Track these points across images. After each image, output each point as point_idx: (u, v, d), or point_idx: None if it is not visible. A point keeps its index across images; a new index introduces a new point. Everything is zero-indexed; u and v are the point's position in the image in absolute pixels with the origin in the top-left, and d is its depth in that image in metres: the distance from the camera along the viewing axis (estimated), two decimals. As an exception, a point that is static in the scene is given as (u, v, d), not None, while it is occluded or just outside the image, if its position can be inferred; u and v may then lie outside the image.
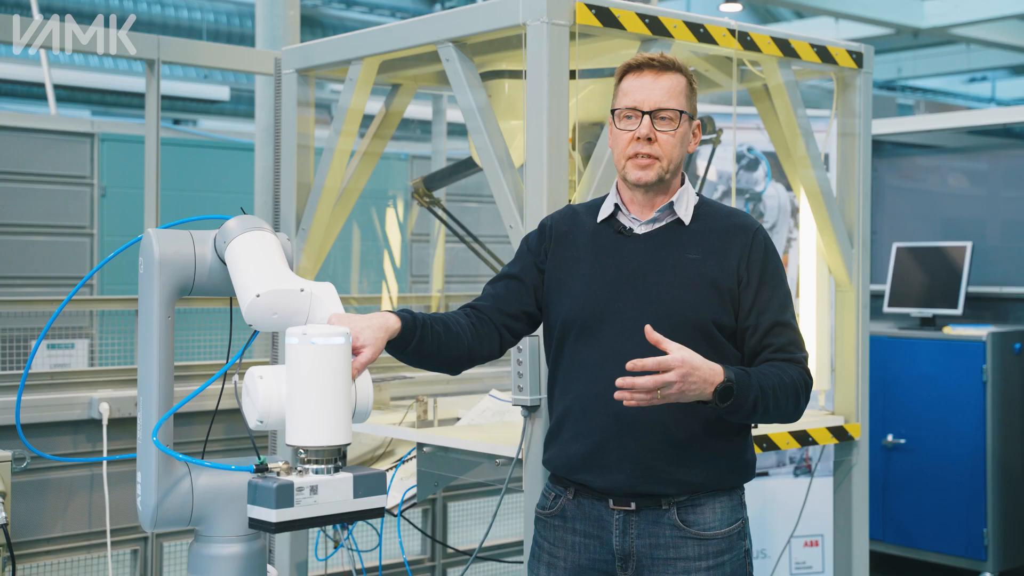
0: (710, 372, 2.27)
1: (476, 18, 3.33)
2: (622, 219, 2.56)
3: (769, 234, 2.60)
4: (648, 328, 2.26)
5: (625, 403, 2.26)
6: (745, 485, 2.58)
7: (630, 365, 2.22)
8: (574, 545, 2.53)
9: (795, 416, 2.49)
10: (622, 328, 2.46)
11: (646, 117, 2.46)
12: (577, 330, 2.51)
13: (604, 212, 2.58)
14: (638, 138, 2.47)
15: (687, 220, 2.53)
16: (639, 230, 2.54)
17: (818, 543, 4.86)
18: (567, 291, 2.54)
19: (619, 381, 2.23)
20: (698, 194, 2.62)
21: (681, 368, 2.22)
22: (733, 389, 2.28)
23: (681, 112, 2.48)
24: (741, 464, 2.54)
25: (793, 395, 2.43)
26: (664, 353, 2.25)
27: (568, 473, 2.54)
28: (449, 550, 5.06)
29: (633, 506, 2.46)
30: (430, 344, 2.43)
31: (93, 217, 7.69)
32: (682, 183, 2.58)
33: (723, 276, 2.48)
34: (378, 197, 6.44)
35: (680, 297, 2.45)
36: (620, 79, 2.54)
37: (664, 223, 2.54)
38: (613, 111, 2.53)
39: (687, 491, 2.46)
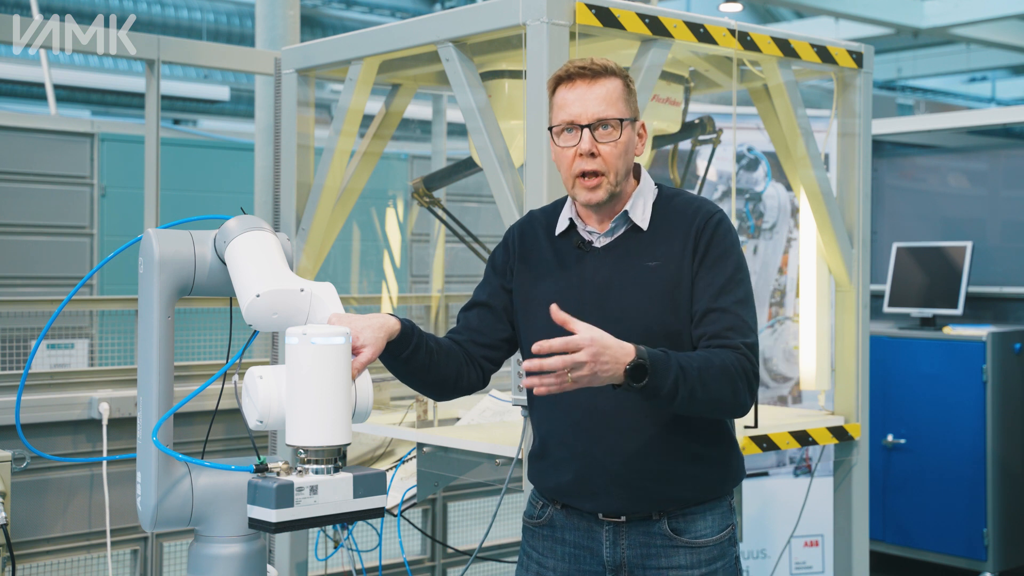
0: (621, 351, 2.11)
1: (476, 18, 3.33)
2: (581, 232, 2.47)
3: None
4: (553, 307, 2.14)
5: (536, 391, 2.11)
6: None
7: (535, 347, 2.09)
8: (563, 555, 2.49)
9: (735, 404, 2.29)
10: None
11: (586, 131, 2.34)
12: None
13: (561, 227, 2.50)
14: (580, 154, 2.35)
15: (644, 225, 2.44)
16: (598, 243, 2.45)
17: (818, 543, 4.86)
18: (534, 312, 2.47)
19: (525, 364, 2.10)
20: (659, 185, 2.52)
21: (591, 347, 2.07)
22: (646, 367, 2.13)
23: (622, 120, 2.36)
24: (729, 472, 2.49)
25: (727, 380, 2.24)
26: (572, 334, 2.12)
27: (556, 496, 2.50)
28: (449, 550, 5.06)
29: (623, 519, 2.42)
30: (423, 356, 2.40)
31: (93, 217, 7.70)
32: (638, 181, 2.47)
33: (682, 277, 2.38)
34: (378, 197, 6.44)
35: (645, 310, 2.36)
36: (552, 92, 2.40)
37: (622, 231, 2.45)
38: (551, 128, 2.40)
39: (679, 504, 2.42)
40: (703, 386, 2.21)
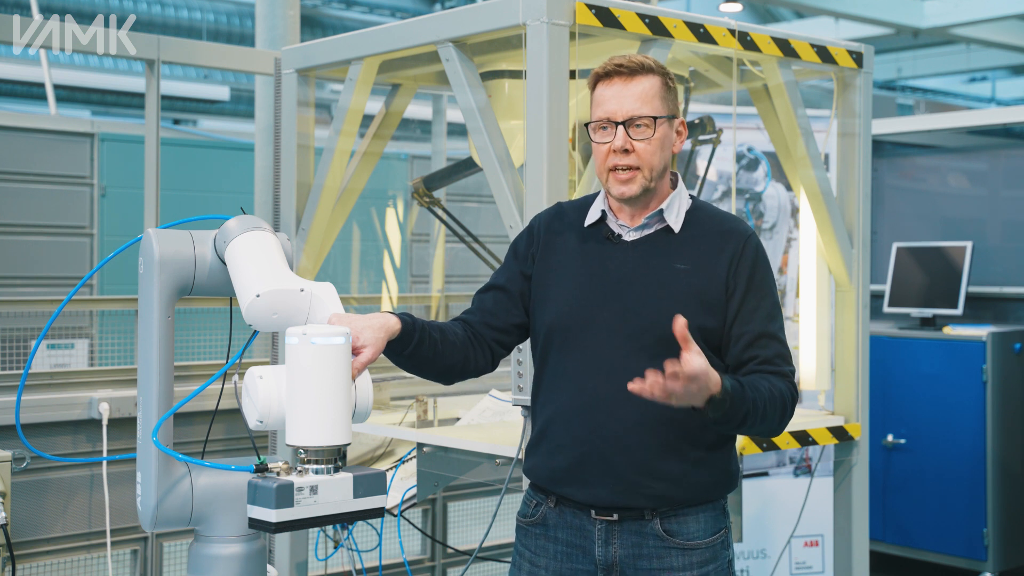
0: (712, 381, 2.21)
1: (476, 18, 3.33)
2: (611, 225, 2.49)
3: (762, 241, 2.53)
4: (679, 320, 2.17)
5: (636, 391, 2.17)
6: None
7: (670, 370, 2.14)
8: (556, 554, 2.49)
9: (777, 431, 2.44)
10: (606, 339, 2.40)
11: (620, 128, 2.38)
12: (561, 338, 2.46)
13: (591, 217, 2.51)
14: (614, 150, 2.40)
15: (677, 228, 2.46)
16: (628, 237, 2.47)
17: (818, 543, 4.87)
18: (553, 298, 2.48)
19: (650, 379, 2.15)
20: (693, 196, 2.55)
21: (702, 377, 2.16)
22: (726, 402, 2.23)
23: (656, 117, 2.38)
24: (725, 476, 2.49)
25: (780, 411, 2.37)
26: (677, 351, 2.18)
27: (550, 485, 2.49)
28: (449, 550, 5.06)
29: (616, 517, 2.42)
30: (427, 349, 2.40)
31: (93, 217, 7.70)
32: (675, 186, 2.49)
33: (711, 286, 2.41)
34: (378, 197, 6.44)
35: (666, 309, 2.35)
36: (592, 89, 2.44)
37: (653, 230, 2.46)
38: (588, 124, 2.45)
39: (671, 504, 2.42)
40: (763, 419, 2.35)
